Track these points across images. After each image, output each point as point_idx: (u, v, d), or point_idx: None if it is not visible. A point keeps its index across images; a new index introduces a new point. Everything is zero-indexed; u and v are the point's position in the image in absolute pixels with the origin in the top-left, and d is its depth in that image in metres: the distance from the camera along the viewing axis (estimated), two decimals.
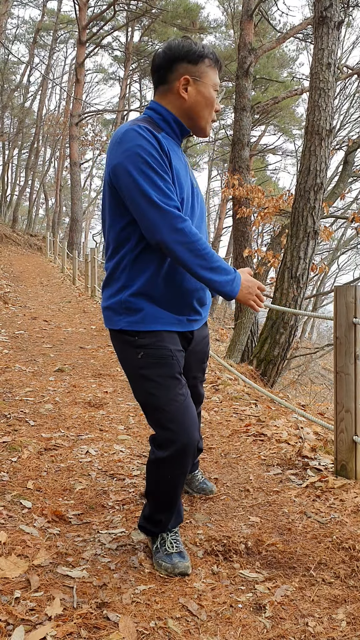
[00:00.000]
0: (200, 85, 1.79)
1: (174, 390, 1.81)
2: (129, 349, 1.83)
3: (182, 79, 1.78)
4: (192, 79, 1.78)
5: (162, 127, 1.81)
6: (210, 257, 1.69)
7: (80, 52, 21.47)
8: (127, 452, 3.07)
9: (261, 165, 29.92)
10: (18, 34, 29.05)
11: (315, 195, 5.70)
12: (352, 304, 2.69)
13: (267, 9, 14.41)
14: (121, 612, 1.65)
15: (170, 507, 1.95)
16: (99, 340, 6.71)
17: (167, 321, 1.82)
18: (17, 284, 12.91)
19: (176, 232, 1.65)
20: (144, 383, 1.82)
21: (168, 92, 1.82)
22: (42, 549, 1.97)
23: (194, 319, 1.94)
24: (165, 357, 1.80)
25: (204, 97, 1.80)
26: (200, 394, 2.28)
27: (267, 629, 1.63)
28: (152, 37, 26.61)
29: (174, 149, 1.80)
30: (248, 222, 9.68)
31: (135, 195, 1.67)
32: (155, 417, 1.83)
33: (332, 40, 5.63)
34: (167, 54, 1.79)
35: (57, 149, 34.06)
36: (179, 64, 1.78)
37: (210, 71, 1.80)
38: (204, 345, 2.14)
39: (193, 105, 1.80)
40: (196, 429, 1.84)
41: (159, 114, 1.83)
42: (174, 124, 1.82)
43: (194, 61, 1.78)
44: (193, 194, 1.88)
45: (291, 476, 2.74)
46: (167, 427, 1.80)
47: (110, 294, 1.85)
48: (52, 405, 3.84)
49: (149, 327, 1.79)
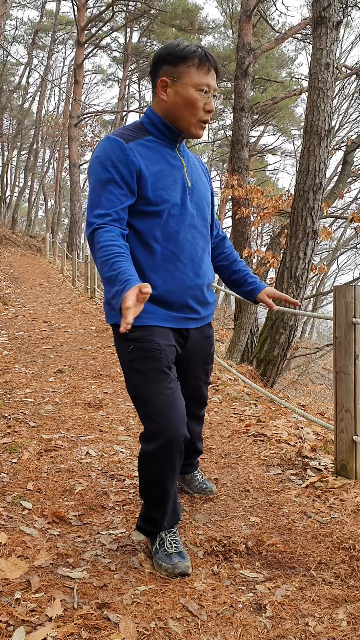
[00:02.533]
0: (178, 86, 1.79)
1: (162, 383, 1.83)
2: (122, 342, 1.87)
3: (160, 81, 1.81)
4: (170, 80, 1.79)
5: (150, 131, 1.86)
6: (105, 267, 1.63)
7: (79, 53, 21.48)
8: (127, 452, 3.07)
9: (260, 165, 29.96)
10: (17, 35, 29.08)
11: (314, 196, 5.70)
12: (351, 303, 2.69)
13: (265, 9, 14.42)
14: (122, 613, 1.65)
15: (163, 505, 1.95)
16: (98, 341, 6.71)
17: (159, 317, 1.85)
18: (17, 285, 12.91)
19: (89, 237, 1.74)
20: (134, 376, 1.85)
21: (156, 95, 1.86)
22: (42, 550, 1.97)
23: (191, 318, 1.95)
24: (153, 350, 1.82)
25: (181, 97, 1.79)
26: (203, 396, 2.27)
27: (268, 629, 1.63)
28: (150, 38, 26.62)
29: (157, 151, 1.83)
30: (247, 222, 9.69)
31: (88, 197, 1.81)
32: (143, 410, 1.85)
33: (331, 40, 5.64)
34: (154, 58, 1.84)
35: (56, 150, 34.07)
36: (161, 67, 1.81)
37: (194, 71, 1.78)
38: (207, 346, 2.14)
39: (172, 107, 1.82)
40: (183, 424, 1.85)
41: (149, 118, 1.88)
42: (162, 126, 1.85)
43: (172, 62, 1.78)
44: (186, 194, 1.89)
45: (291, 476, 2.75)
46: (153, 420, 1.82)
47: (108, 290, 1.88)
48: (52, 406, 3.84)
49: (140, 322, 1.82)
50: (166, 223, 1.83)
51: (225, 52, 23.38)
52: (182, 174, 1.90)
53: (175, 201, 1.84)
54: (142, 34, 26.38)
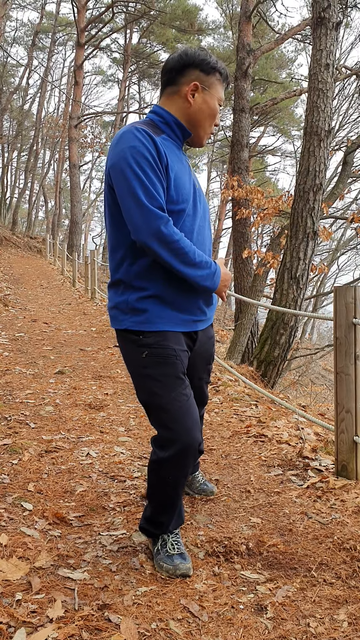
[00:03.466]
0: (207, 95, 1.85)
1: (177, 390, 1.81)
2: (134, 348, 1.84)
3: (192, 85, 1.83)
4: (202, 87, 1.84)
5: (162, 130, 1.85)
6: (192, 255, 1.74)
7: (79, 54, 21.50)
8: (128, 453, 3.07)
9: (260, 166, 29.95)
10: (17, 36, 29.14)
11: (314, 196, 5.70)
12: (351, 304, 2.69)
13: (265, 10, 14.43)
14: (122, 614, 1.65)
15: (172, 509, 1.95)
16: (99, 342, 6.71)
17: (172, 321, 1.83)
18: (17, 286, 12.91)
19: (156, 233, 1.69)
20: (148, 382, 1.83)
21: (175, 95, 1.87)
22: (43, 551, 1.97)
23: (200, 319, 1.95)
24: (169, 356, 1.81)
25: (208, 106, 1.86)
26: (205, 395, 2.28)
27: (269, 630, 1.63)
28: (150, 39, 26.62)
29: (173, 151, 1.83)
30: (247, 223, 9.69)
31: (124, 194, 1.72)
32: (158, 417, 1.84)
33: (331, 41, 5.64)
34: (182, 58, 1.84)
35: (56, 151, 34.08)
36: (192, 70, 1.84)
37: (219, 85, 1.87)
38: (210, 346, 2.15)
39: (197, 112, 1.85)
40: (198, 430, 1.84)
41: (161, 116, 1.87)
42: (175, 126, 1.86)
43: (207, 71, 1.84)
44: (195, 194, 1.91)
45: (292, 477, 2.74)
46: (169, 427, 1.80)
47: (117, 294, 1.86)
48: (52, 407, 3.84)
49: (154, 327, 1.80)
50: (184, 223, 1.84)
51: (225, 53, 23.38)
52: (190, 174, 1.93)
53: (190, 201, 1.86)
54: (142, 35, 26.38)
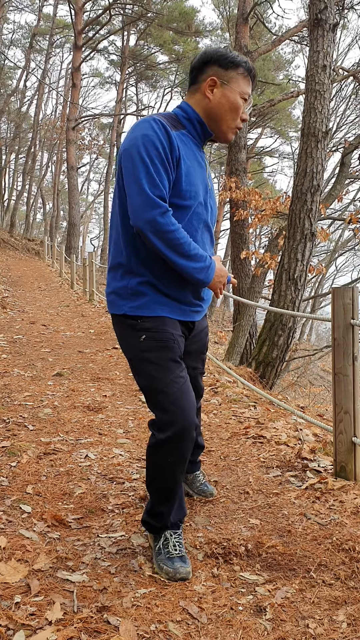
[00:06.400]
0: (226, 89, 1.86)
1: (175, 372, 1.85)
2: (132, 332, 1.87)
3: (209, 80, 1.86)
4: (220, 82, 1.86)
5: (184, 125, 1.89)
6: (187, 247, 1.76)
7: (77, 56, 21.53)
8: (127, 455, 3.07)
9: (258, 167, 30.00)
10: (14, 39, 29.11)
11: (312, 197, 5.71)
12: (349, 305, 2.69)
13: (262, 11, 14.46)
14: (122, 616, 1.65)
15: (171, 497, 1.94)
16: (97, 344, 6.71)
17: (170, 309, 1.88)
18: (15, 288, 12.91)
19: (152, 221, 1.71)
20: (147, 366, 1.86)
21: (196, 92, 1.91)
22: (42, 554, 1.96)
23: (196, 310, 1.99)
24: (167, 340, 1.85)
25: (228, 100, 1.87)
26: (200, 387, 2.31)
27: (268, 631, 1.63)
28: (148, 41, 26.67)
29: (190, 147, 1.87)
30: (245, 224, 9.70)
31: (129, 179, 1.76)
32: (156, 400, 1.87)
33: (328, 43, 5.66)
34: (202, 57, 1.89)
35: (54, 154, 34.10)
36: (210, 66, 1.87)
37: (242, 79, 1.87)
38: (204, 336, 2.21)
39: (216, 107, 1.88)
40: (194, 413, 1.87)
41: (184, 111, 1.91)
42: (197, 123, 1.90)
43: (225, 66, 1.86)
44: (207, 195, 1.93)
45: (291, 478, 2.75)
46: (167, 409, 1.84)
47: (116, 278, 1.89)
48: (51, 409, 3.84)
49: (152, 313, 1.85)
50: (190, 220, 1.86)
51: None
52: (205, 174, 1.95)
53: (200, 199, 1.88)
54: (139, 37, 26.42)
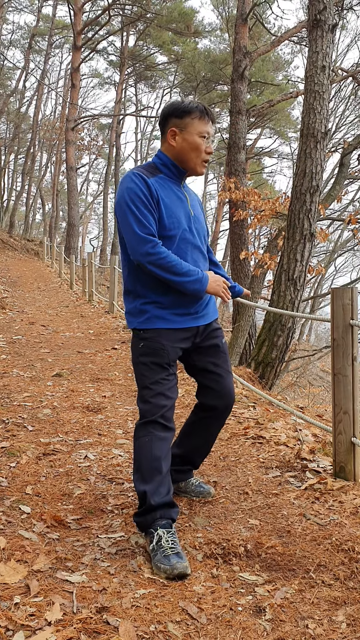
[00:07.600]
0: (185, 134, 2.19)
1: (160, 375, 2.21)
2: (136, 341, 2.27)
3: (170, 131, 2.20)
4: (178, 130, 2.19)
5: (161, 170, 2.24)
6: (179, 267, 2.11)
7: (76, 57, 21.53)
8: (126, 456, 3.07)
9: (257, 168, 30.02)
10: (13, 39, 29.12)
11: (311, 198, 5.71)
12: (348, 305, 2.70)
13: (261, 12, 14.48)
14: (121, 617, 1.65)
15: (151, 475, 2.11)
16: (97, 345, 6.71)
17: (169, 321, 2.21)
18: (15, 289, 12.91)
19: (147, 254, 2.08)
20: (140, 367, 2.25)
21: (165, 142, 2.25)
22: (41, 554, 1.96)
23: (199, 316, 2.29)
24: (158, 349, 2.20)
25: (188, 143, 2.19)
26: (228, 388, 2.38)
27: (267, 632, 1.63)
28: (147, 42, 26.67)
29: (168, 187, 2.21)
30: (244, 224, 9.69)
31: (124, 225, 2.15)
32: (142, 394, 2.22)
33: (327, 43, 5.66)
34: (162, 113, 2.25)
35: (53, 154, 34.08)
36: (169, 119, 2.21)
37: (197, 122, 2.17)
38: (214, 337, 2.39)
39: (181, 151, 2.21)
40: (167, 410, 2.19)
41: (160, 159, 2.26)
42: (171, 166, 2.24)
43: (180, 115, 2.18)
44: (190, 220, 2.26)
45: (290, 478, 2.75)
46: (147, 401, 2.19)
47: (129, 301, 2.28)
48: (50, 410, 3.84)
49: (151, 326, 2.21)
50: (178, 246, 2.19)
51: (222, 56, 23.43)
52: (186, 205, 2.29)
53: (183, 226, 2.22)
54: (138, 37, 26.41)
